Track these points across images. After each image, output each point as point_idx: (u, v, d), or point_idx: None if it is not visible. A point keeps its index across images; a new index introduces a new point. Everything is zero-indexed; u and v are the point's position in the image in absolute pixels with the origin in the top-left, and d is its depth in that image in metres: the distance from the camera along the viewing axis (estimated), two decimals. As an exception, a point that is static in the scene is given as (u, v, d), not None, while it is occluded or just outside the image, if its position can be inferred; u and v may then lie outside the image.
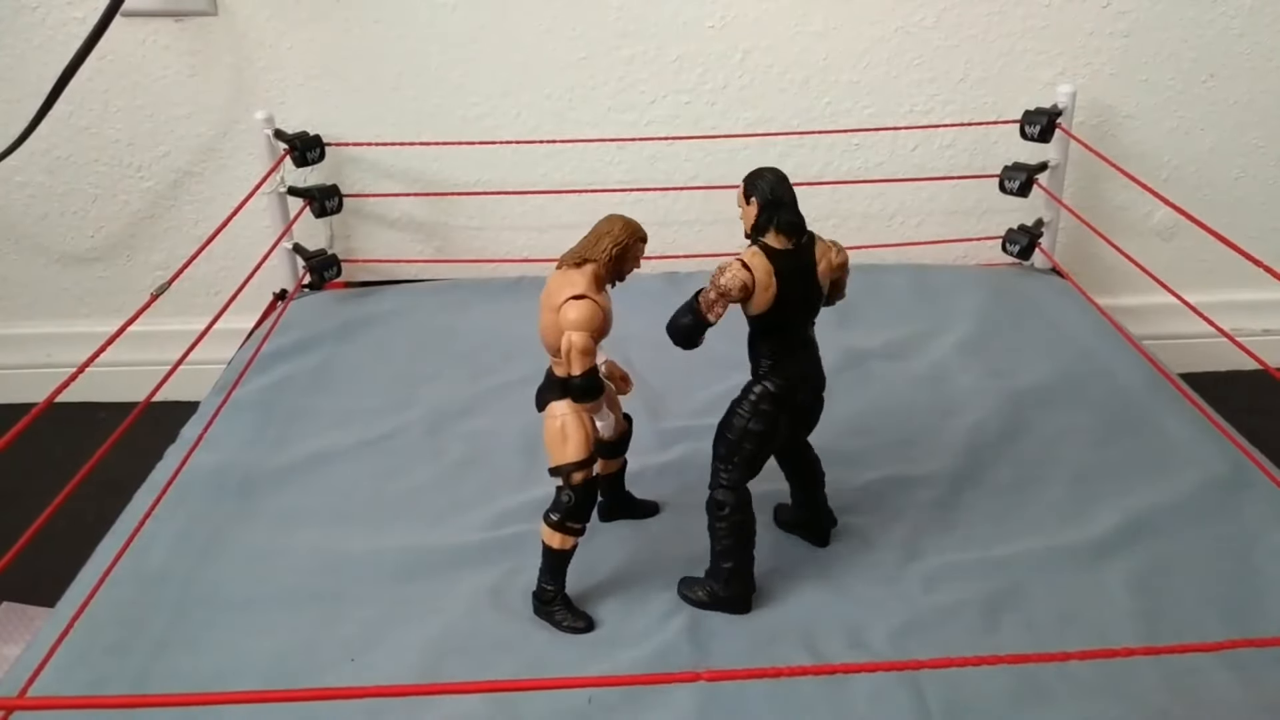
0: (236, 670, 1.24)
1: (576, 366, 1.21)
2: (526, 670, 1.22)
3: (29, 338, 2.30)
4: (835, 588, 1.35)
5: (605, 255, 1.22)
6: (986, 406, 1.70)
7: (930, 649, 1.25)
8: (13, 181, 2.17)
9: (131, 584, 1.36)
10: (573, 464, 1.25)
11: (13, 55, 2.06)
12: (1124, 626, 1.27)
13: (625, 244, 1.23)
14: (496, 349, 1.88)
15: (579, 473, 1.26)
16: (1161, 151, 2.19)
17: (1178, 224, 2.25)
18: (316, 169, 2.12)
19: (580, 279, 1.22)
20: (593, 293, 1.21)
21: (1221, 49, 2.11)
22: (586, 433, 1.27)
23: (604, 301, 1.23)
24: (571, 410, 1.26)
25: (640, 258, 1.26)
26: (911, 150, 2.18)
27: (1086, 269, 2.20)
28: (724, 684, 1.17)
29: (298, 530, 1.48)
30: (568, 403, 1.26)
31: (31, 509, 1.18)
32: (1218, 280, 2.25)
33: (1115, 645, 1.23)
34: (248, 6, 2.04)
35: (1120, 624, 1.28)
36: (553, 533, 1.28)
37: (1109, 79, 2.13)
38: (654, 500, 1.51)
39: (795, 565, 1.38)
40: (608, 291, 1.26)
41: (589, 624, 1.29)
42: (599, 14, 2.05)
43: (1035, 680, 1.19)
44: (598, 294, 1.22)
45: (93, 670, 1.24)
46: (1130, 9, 2.07)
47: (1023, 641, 1.25)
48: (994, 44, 2.09)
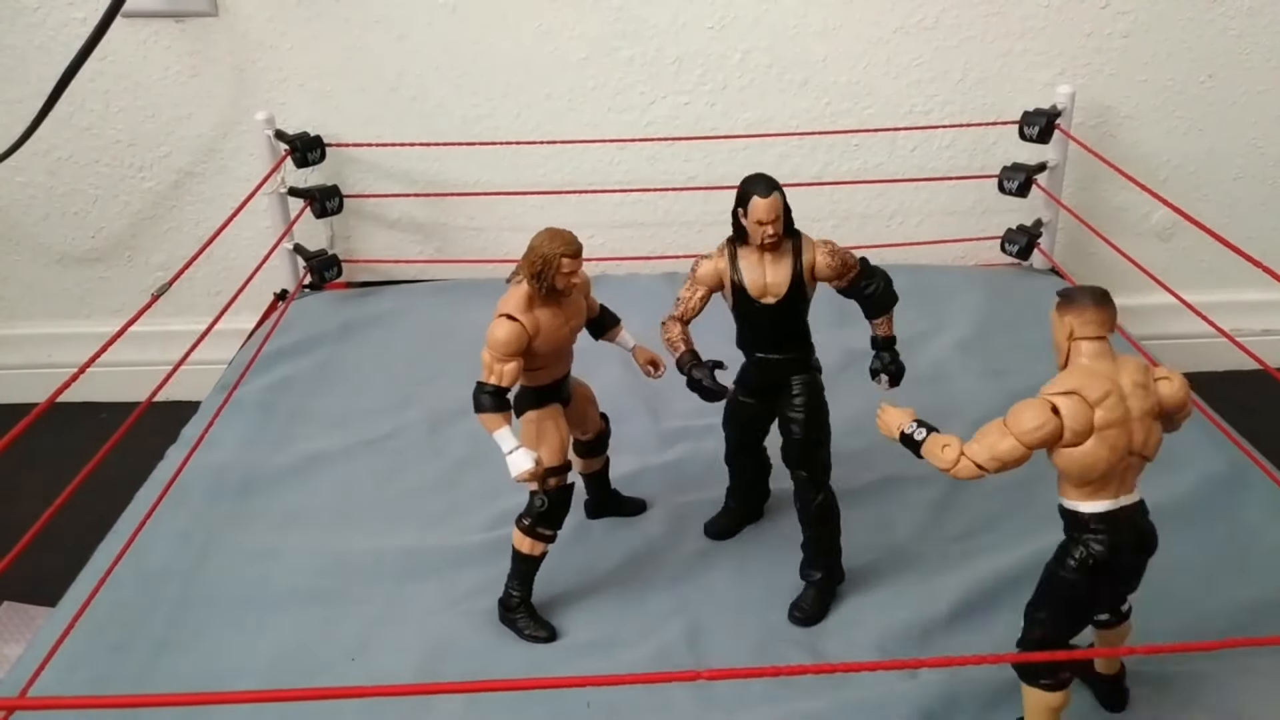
0: (236, 670, 1.24)
1: (481, 377, 1.20)
2: (526, 670, 1.23)
3: (29, 338, 2.30)
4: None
5: (528, 273, 1.20)
6: (986, 406, 1.70)
7: (929, 648, 1.25)
8: (14, 182, 2.17)
9: (132, 584, 1.36)
10: (546, 469, 1.25)
11: (14, 56, 2.07)
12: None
13: (546, 258, 1.19)
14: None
15: (553, 478, 1.26)
16: (1160, 152, 2.19)
17: (1176, 224, 2.25)
18: (317, 169, 2.12)
19: (512, 297, 1.21)
20: (519, 311, 1.20)
21: (1220, 49, 2.11)
22: (561, 438, 1.27)
23: (535, 318, 1.21)
24: (547, 416, 1.27)
25: (572, 273, 1.21)
26: (911, 151, 2.18)
27: (1086, 269, 2.20)
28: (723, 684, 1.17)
29: (298, 530, 1.48)
30: (545, 409, 1.27)
31: (32, 509, 1.19)
32: (1216, 280, 2.25)
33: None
34: (248, 7, 2.04)
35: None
36: (523, 537, 1.28)
37: (1108, 79, 2.13)
38: (642, 499, 1.51)
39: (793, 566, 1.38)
40: (565, 304, 1.24)
41: (551, 634, 1.29)
42: (598, 15, 2.05)
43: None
44: (526, 311, 1.20)
45: (93, 670, 1.24)
46: (1129, 9, 2.07)
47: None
48: (993, 44, 2.09)
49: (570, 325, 1.26)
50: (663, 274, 2.18)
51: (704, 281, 1.26)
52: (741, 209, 1.21)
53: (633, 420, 1.67)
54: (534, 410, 1.27)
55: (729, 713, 1.17)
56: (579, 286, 1.27)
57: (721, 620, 1.31)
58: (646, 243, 2.23)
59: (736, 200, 1.22)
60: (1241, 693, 1.18)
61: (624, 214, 2.21)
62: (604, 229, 2.21)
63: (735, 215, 1.23)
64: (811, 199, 2.18)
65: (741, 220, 1.22)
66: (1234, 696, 1.17)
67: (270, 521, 1.50)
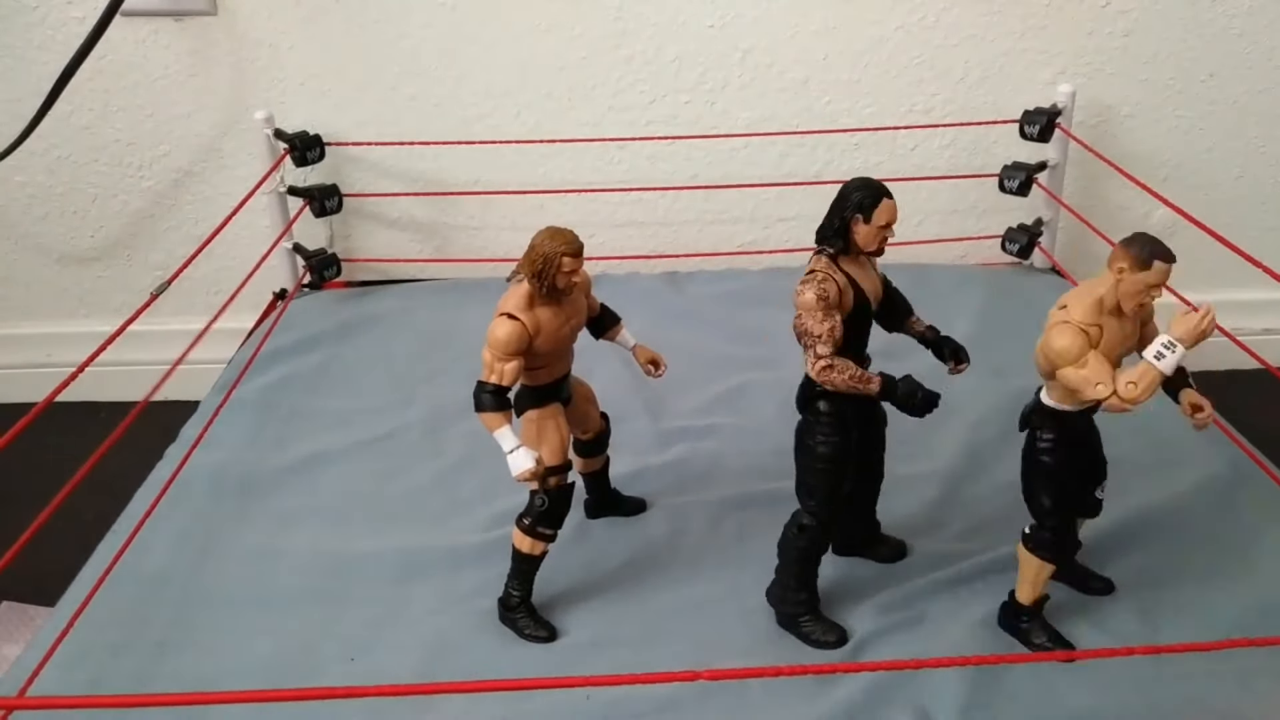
0: (236, 670, 1.24)
1: (481, 376, 1.20)
2: (525, 670, 1.23)
3: (29, 337, 2.30)
4: (835, 587, 1.35)
5: (529, 272, 1.19)
6: (986, 406, 1.70)
7: (930, 648, 1.25)
8: (13, 181, 2.17)
9: (131, 583, 1.36)
10: (547, 468, 1.24)
11: (13, 55, 2.06)
12: (1126, 624, 1.28)
13: (547, 257, 1.18)
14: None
15: (553, 477, 1.25)
16: (1161, 151, 2.19)
17: (1176, 223, 2.25)
18: (316, 169, 2.12)
19: (513, 296, 1.21)
20: (520, 310, 1.20)
21: (1221, 48, 2.11)
22: (562, 438, 1.27)
23: (536, 317, 1.20)
24: (548, 415, 1.26)
25: (573, 272, 1.20)
26: (911, 150, 2.17)
27: (1087, 268, 2.19)
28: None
29: (297, 530, 1.48)
30: (546, 408, 1.27)
31: (31, 509, 1.18)
32: (1217, 280, 2.25)
33: (1115, 643, 1.24)
34: (247, 6, 2.04)
35: (1122, 620, 1.28)
36: (523, 537, 1.28)
37: (1108, 78, 2.12)
38: (642, 499, 1.51)
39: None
40: (566, 303, 1.24)
41: (551, 634, 1.29)
42: (598, 13, 2.05)
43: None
44: (527, 310, 1.20)
45: (92, 670, 1.24)
46: (1130, 8, 2.07)
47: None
48: (993, 43, 2.09)
49: (571, 324, 1.26)
50: (663, 273, 2.18)
51: (837, 305, 1.18)
52: (861, 215, 1.16)
53: (633, 420, 1.67)
54: (534, 409, 1.27)
55: (729, 713, 1.17)
56: (580, 285, 1.26)
57: (722, 620, 1.31)
58: (647, 241, 2.23)
59: (849, 209, 1.17)
60: (1242, 693, 1.17)
61: (624, 213, 2.21)
62: (604, 228, 2.20)
63: (840, 226, 1.17)
64: (812, 198, 2.18)
65: (855, 227, 1.17)
66: (1235, 696, 1.17)
67: (269, 521, 1.50)
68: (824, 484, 1.24)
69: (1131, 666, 1.18)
